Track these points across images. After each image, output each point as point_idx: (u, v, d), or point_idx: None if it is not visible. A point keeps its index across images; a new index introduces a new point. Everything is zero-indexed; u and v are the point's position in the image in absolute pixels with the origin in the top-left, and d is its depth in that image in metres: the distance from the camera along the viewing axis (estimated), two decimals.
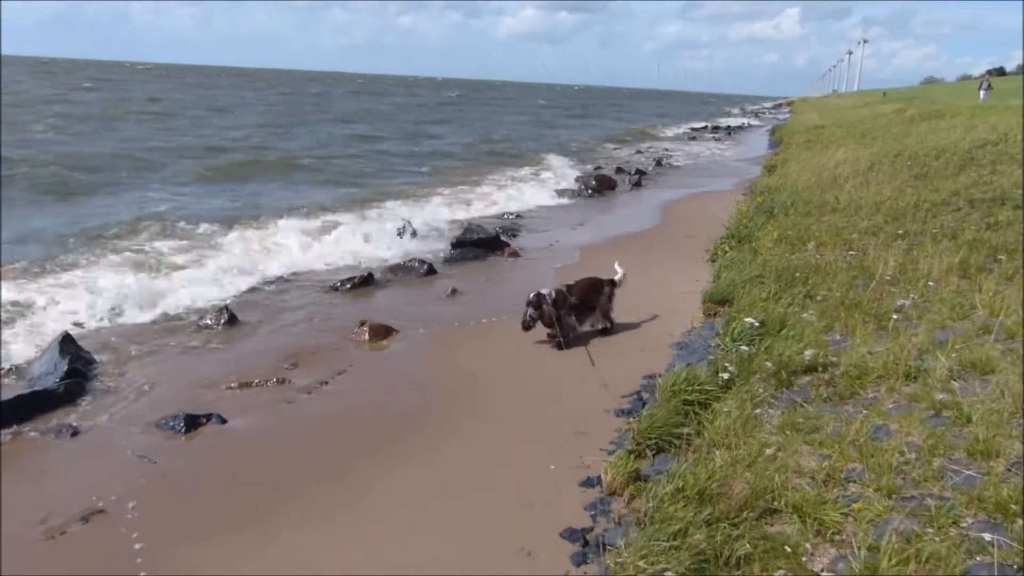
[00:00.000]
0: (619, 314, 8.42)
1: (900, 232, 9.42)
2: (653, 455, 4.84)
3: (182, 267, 10.61)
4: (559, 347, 7.61)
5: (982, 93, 40.85)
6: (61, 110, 37.92)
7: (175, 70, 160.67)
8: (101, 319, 8.35)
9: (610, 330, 8.13)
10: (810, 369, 5.55)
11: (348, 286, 10.01)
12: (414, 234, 13.44)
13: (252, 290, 9.90)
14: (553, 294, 7.69)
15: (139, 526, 4.48)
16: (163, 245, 11.84)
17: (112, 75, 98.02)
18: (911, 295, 6.86)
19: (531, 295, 7.69)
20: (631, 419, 5.68)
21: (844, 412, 4.83)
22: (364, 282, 10.17)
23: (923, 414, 4.56)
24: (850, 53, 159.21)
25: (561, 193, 20.01)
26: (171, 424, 5.81)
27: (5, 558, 4.18)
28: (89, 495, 4.81)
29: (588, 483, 4.84)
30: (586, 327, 8.12)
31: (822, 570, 3.26)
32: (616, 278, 8.31)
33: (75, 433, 5.74)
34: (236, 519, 4.58)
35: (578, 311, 7.91)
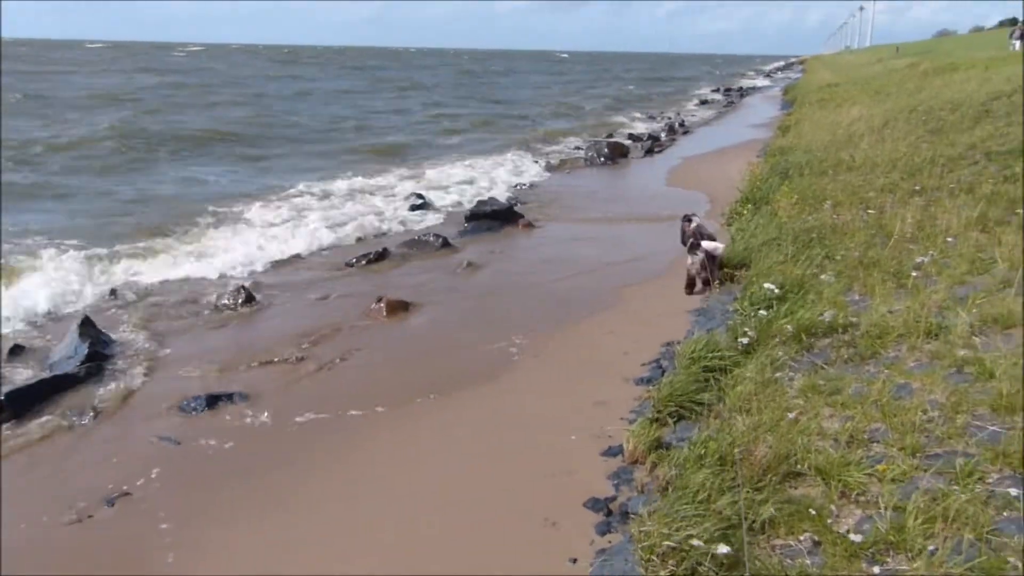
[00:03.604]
0: (634, 282, 8.39)
1: (917, 188, 9.27)
2: (674, 423, 4.83)
3: None
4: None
5: (1016, 43, 38.81)
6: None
7: (220, 50, 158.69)
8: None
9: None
10: (830, 331, 5.49)
11: (363, 262, 10.02)
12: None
13: (267, 268, 9.93)
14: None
15: (165, 507, 4.54)
16: None
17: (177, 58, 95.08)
18: (930, 252, 6.76)
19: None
20: (651, 387, 5.66)
21: (866, 372, 4.79)
22: (379, 257, 10.18)
23: (945, 371, 4.51)
24: (861, 8, 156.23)
25: (574, 162, 19.90)
26: (193, 405, 5.86)
27: (33, 545, 4.25)
28: (114, 478, 4.88)
29: (610, 452, 4.85)
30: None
31: (848, 531, 3.24)
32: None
33: (98, 417, 5.80)
34: (259, 498, 4.63)
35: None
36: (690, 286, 8.01)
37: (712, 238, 8.06)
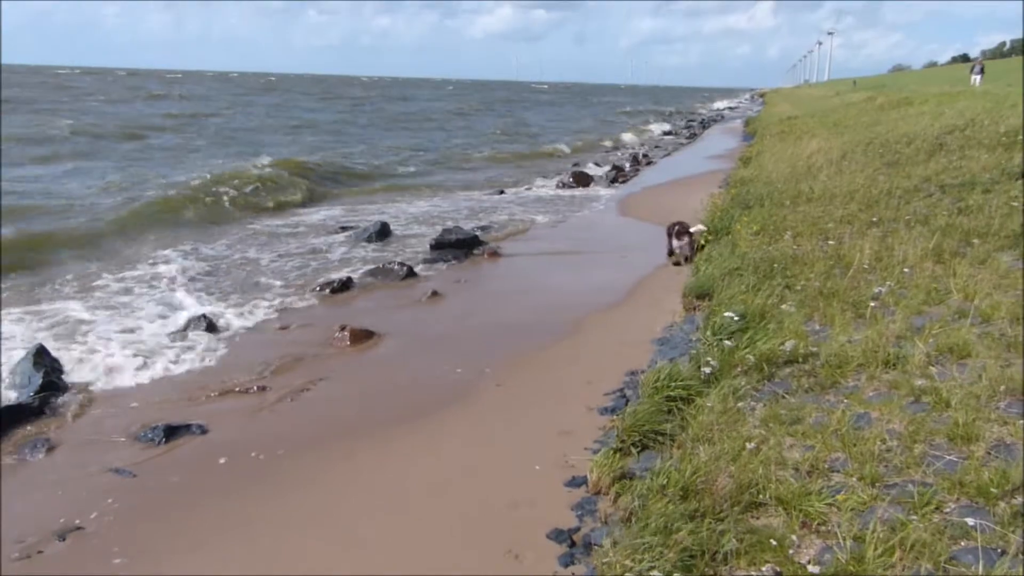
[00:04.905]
0: (597, 311, 8.43)
1: (874, 220, 9.48)
2: (638, 453, 4.83)
3: None
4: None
5: (976, 78, 39.81)
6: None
7: (196, 76, 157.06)
8: None
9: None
10: (791, 360, 5.55)
11: (327, 291, 9.93)
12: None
13: (229, 298, 9.79)
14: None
15: (118, 542, 4.41)
16: None
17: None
18: (887, 282, 6.90)
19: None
20: (615, 417, 5.66)
21: (826, 402, 4.85)
22: (343, 286, 10.10)
23: (903, 401, 4.59)
24: (820, 43, 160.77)
25: (538, 188, 20.02)
26: (150, 436, 5.72)
27: None
28: (66, 512, 4.73)
29: (574, 483, 4.83)
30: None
31: (808, 562, 3.26)
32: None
33: (51, 448, 5.64)
34: (216, 530, 4.52)
35: None
36: (671, 254, 10.91)
37: (689, 232, 10.72)
